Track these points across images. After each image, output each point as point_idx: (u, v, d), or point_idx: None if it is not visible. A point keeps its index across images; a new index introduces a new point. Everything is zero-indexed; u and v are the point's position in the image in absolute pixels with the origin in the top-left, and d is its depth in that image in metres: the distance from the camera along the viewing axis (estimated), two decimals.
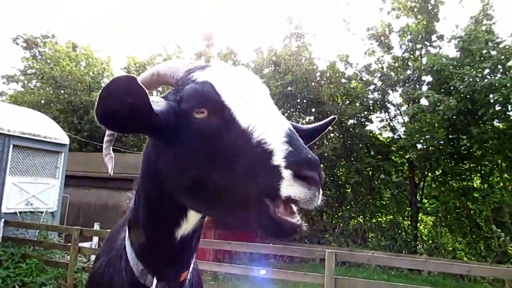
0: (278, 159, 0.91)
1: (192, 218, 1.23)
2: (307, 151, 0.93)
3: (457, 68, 13.81)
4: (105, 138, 1.41)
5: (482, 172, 15.76)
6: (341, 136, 17.63)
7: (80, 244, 7.49)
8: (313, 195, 0.90)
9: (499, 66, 13.17)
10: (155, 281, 1.26)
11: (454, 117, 14.09)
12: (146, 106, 1.04)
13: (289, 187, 0.88)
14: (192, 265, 1.40)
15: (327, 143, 16.76)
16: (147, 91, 1.04)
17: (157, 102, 1.10)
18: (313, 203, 0.91)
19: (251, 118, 1.01)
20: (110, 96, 1.00)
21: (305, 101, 17.92)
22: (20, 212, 8.64)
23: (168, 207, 1.21)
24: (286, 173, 0.89)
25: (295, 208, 0.93)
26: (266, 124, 1.00)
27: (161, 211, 1.23)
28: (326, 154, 15.88)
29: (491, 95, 13.05)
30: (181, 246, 1.27)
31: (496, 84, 12.40)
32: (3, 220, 8.17)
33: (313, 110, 17.98)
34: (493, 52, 13.39)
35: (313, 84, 17.96)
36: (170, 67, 1.27)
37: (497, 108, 13.45)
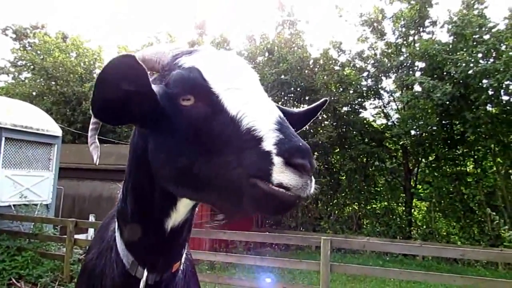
0: (269, 145, 0.89)
1: (182, 208, 1.21)
2: (298, 139, 0.91)
3: (450, 54, 13.81)
4: (90, 126, 1.37)
5: (475, 156, 15.89)
6: (335, 123, 17.66)
7: (76, 236, 7.49)
8: (305, 183, 0.88)
9: (492, 51, 13.18)
10: (145, 273, 1.24)
11: (448, 102, 14.14)
12: (149, 90, 1.01)
13: (280, 174, 0.86)
14: (184, 255, 1.39)
15: (321, 131, 16.78)
16: (148, 72, 1.00)
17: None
18: (305, 191, 0.89)
19: (240, 105, 0.98)
20: (109, 82, 0.95)
21: (299, 89, 17.89)
22: (14, 205, 8.60)
23: (157, 197, 1.19)
24: (277, 160, 0.87)
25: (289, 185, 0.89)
26: (256, 111, 0.97)
27: (149, 201, 1.20)
28: (320, 142, 15.92)
29: (484, 80, 13.09)
30: (172, 237, 1.24)
31: (490, 69, 12.42)
32: None
33: (307, 98, 17.96)
34: (486, 37, 13.39)
35: (306, 72, 17.91)
36: (156, 52, 1.23)
37: (490, 93, 13.51)
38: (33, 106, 11.06)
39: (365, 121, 18.27)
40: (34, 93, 23.23)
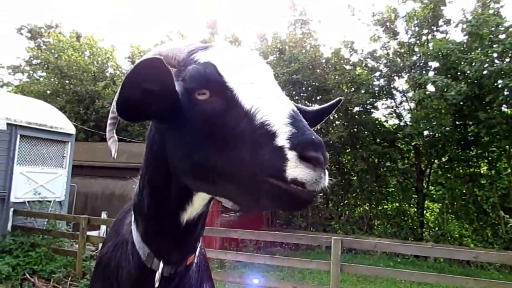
0: (282, 140, 0.89)
1: (198, 202, 1.23)
2: (311, 132, 0.92)
3: (465, 53, 13.63)
4: (109, 121, 1.40)
5: (490, 158, 15.65)
6: (346, 123, 17.57)
7: (88, 233, 7.59)
8: (318, 176, 0.89)
9: (509, 51, 12.96)
10: (161, 265, 1.27)
11: (462, 103, 13.96)
12: (172, 91, 1.03)
13: (295, 169, 0.87)
14: (198, 249, 1.41)
15: (332, 131, 16.71)
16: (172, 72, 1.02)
17: None
18: (319, 184, 0.89)
19: (254, 99, 1.00)
20: (136, 81, 0.98)
21: (310, 89, 17.83)
22: (28, 202, 8.74)
23: (173, 191, 1.21)
24: (291, 155, 0.87)
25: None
26: (269, 105, 0.98)
27: (165, 195, 1.22)
28: (331, 142, 15.85)
29: (500, 80, 12.89)
30: (187, 230, 1.26)
31: (506, 69, 12.23)
32: (12, 209, 8.27)
33: (319, 98, 17.90)
34: (502, 36, 13.18)
35: (318, 71, 17.85)
36: (172, 48, 1.25)
37: (506, 93, 13.30)
38: (47, 104, 11.21)
39: (377, 121, 18.15)
40: (48, 92, 23.57)
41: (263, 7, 42.26)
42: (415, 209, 16.86)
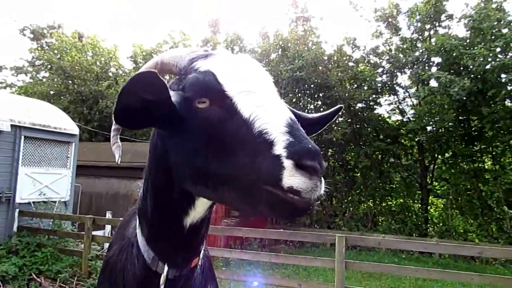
0: (279, 149, 0.91)
1: (200, 207, 1.24)
2: (307, 141, 0.93)
3: (467, 48, 13.58)
4: (113, 127, 1.42)
5: (494, 153, 15.59)
6: (349, 120, 17.54)
7: (94, 233, 7.63)
8: (314, 185, 0.90)
9: (511, 45, 12.91)
10: (166, 268, 1.29)
11: (465, 98, 13.91)
12: (168, 102, 1.05)
13: (291, 177, 0.88)
14: (202, 251, 1.42)
15: (336, 128, 16.68)
16: (168, 85, 1.04)
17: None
18: (315, 193, 0.91)
19: (252, 108, 1.01)
20: (131, 93, 1.00)
21: (313, 86, 17.80)
22: (33, 202, 8.79)
23: (175, 196, 1.22)
24: (287, 163, 0.89)
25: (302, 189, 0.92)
26: (268, 113, 0.99)
27: (168, 200, 1.24)
28: (335, 139, 15.83)
29: (503, 75, 12.84)
30: (190, 234, 1.28)
31: (509, 63, 12.18)
32: (17, 210, 8.32)
33: (321, 94, 17.87)
34: (505, 30, 13.12)
35: (320, 68, 17.81)
36: (173, 56, 1.27)
37: (509, 87, 13.25)
38: (51, 105, 11.25)
39: (380, 118, 18.12)
40: (51, 92, 23.66)
41: (265, 4, 42.16)
42: (419, 205, 16.84)
